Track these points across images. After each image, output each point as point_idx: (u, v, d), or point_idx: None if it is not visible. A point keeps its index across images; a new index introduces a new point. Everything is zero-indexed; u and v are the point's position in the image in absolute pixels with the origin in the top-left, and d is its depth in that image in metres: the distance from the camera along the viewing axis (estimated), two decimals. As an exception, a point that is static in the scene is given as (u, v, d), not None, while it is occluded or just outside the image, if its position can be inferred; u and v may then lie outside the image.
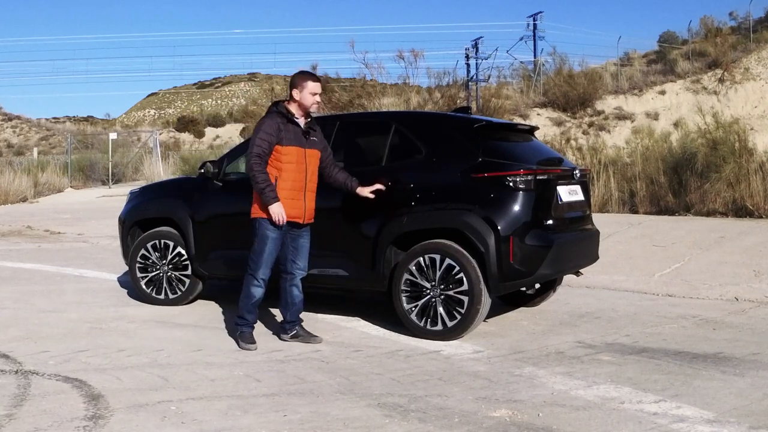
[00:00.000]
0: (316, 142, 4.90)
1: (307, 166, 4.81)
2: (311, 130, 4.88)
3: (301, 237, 4.92)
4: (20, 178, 20.78)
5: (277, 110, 4.80)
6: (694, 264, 7.42)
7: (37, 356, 4.49)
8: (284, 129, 4.73)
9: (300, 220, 4.82)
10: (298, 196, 4.77)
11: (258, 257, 4.81)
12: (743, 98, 29.05)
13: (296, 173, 4.76)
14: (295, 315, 4.99)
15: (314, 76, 4.93)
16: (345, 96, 19.35)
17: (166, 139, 46.15)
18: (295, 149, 4.74)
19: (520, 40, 34.84)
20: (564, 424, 3.34)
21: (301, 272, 4.96)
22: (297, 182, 4.77)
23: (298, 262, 4.93)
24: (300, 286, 4.98)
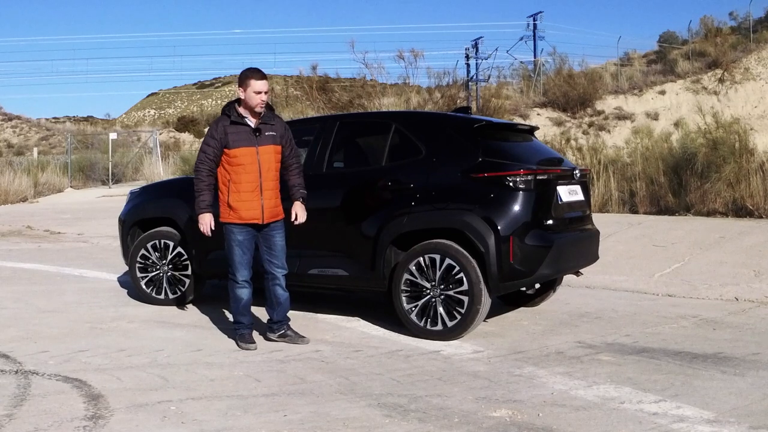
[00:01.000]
0: (272, 137, 4.77)
1: (260, 164, 4.71)
2: (265, 126, 4.76)
3: (273, 236, 4.85)
4: (20, 178, 20.79)
5: (226, 112, 4.75)
6: (694, 264, 7.42)
7: (37, 356, 4.49)
8: (231, 131, 4.68)
9: (258, 221, 4.75)
10: (253, 197, 4.70)
11: (231, 262, 4.82)
12: (743, 98, 29.06)
13: (248, 174, 4.69)
14: (282, 314, 4.95)
15: (259, 74, 4.76)
16: (345, 96, 19.34)
17: (166, 139, 46.12)
18: (244, 150, 4.67)
19: (520, 40, 34.85)
20: (564, 424, 3.34)
21: (281, 270, 4.88)
22: (250, 183, 4.69)
23: (274, 261, 4.86)
24: (283, 285, 4.91)
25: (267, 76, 4.78)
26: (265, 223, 4.79)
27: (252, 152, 4.70)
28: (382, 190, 5.23)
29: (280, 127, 4.86)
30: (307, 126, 6.53)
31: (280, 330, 4.94)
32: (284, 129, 4.89)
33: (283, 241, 4.88)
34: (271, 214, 4.80)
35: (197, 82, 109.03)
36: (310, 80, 21.24)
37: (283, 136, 4.85)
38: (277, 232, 4.86)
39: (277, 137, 4.80)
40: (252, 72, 4.76)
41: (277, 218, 4.86)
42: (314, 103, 19.77)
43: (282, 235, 4.88)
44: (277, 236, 4.86)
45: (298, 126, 6.92)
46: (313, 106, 19.69)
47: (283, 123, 4.94)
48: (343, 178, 5.68)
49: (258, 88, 4.69)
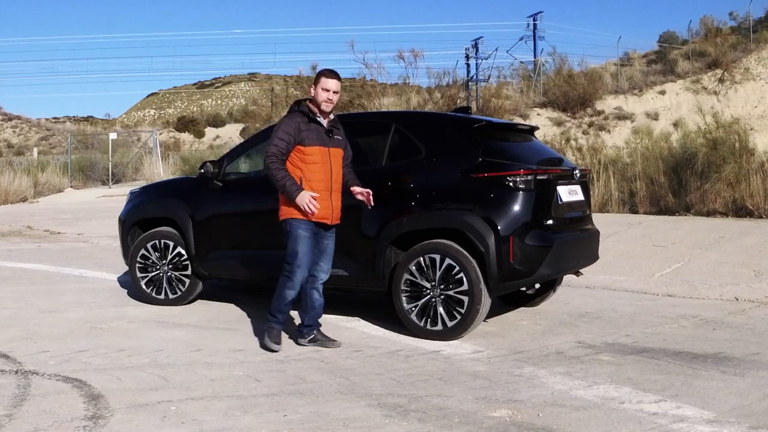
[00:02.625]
0: (339, 141, 4.77)
1: (331, 165, 4.68)
2: (334, 129, 4.75)
3: (326, 239, 4.78)
4: (20, 178, 20.79)
5: (299, 109, 4.69)
6: (694, 264, 7.42)
7: (37, 356, 4.49)
8: (306, 128, 4.61)
9: (328, 220, 4.68)
10: (324, 196, 4.63)
11: (293, 259, 4.65)
12: (743, 98, 29.06)
13: (321, 173, 4.63)
14: (314, 319, 4.87)
15: (331, 73, 4.72)
16: (345, 96, 19.34)
17: (166, 139, 46.14)
18: (318, 149, 4.61)
19: (520, 40, 34.86)
20: (564, 424, 3.34)
21: (324, 275, 4.83)
22: (322, 182, 4.64)
23: (321, 264, 4.79)
24: (321, 290, 4.86)
25: (340, 80, 4.76)
26: (332, 224, 4.74)
27: (325, 152, 4.64)
28: (382, 190, 5.23)
29: (342, 132, 4.87)
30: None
31: (310, 335, 4.84)
32: (344, 134, 4.89)
33: (333, 246, 4.82)
34: (337, 216, 4.75)
35: (197, 82, 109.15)
36: (310, 80, 21.24)
37: (344, 140, 4.85)
38: (332, 236, 4.81)
39: (342, 141, 4.81)
40: (325, 70, 4.74)
41: (338, 222, 4.80)
42: (314, 103, 19.74)
43: (333, 241, 4.83)
44: (331, 241, 4.81)
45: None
46: (313, 106, 19.66)
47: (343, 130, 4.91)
48: (343, 178, 5.68)
49: (327, 85, 4.64)
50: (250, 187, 6.20)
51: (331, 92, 4.65)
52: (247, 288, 6.80)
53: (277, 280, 5.83)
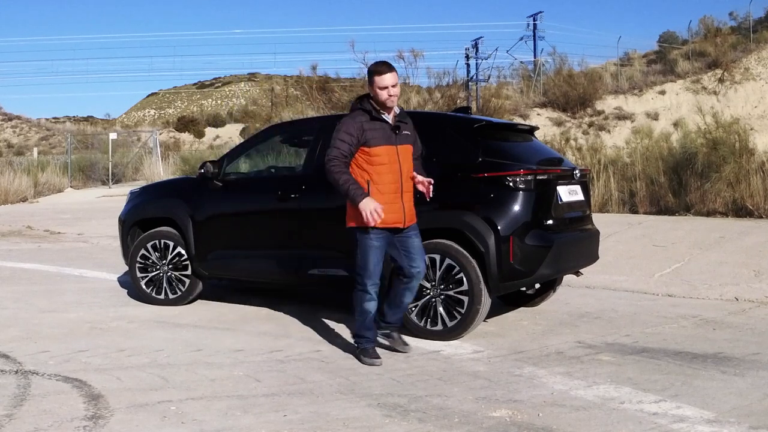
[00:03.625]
0: (408, 137, 4.46)
1: (401, 164, 4.38)
2: (401, 124, 4.44)
3: (411, 238, 4.48)
4: (20, 178, 20.78)
5: (361, 107, 4.39)
6: (694, 264, 7.42)
7: (37, 356, 4.49)
8: (369, 128, 4.31)
9: (400, 224, 4.40)
10: (395, 199, 4.35)
11: (364, 270, 4.40)
12: (743, 98, 29.06)
13: (390, 174, 4.33)
14: (397, 318, 4.64)
15: (384, 67, 4.36)
16: (345, 96, 19.34)
17: (166, 139, 46.14)
18: (385, 149, 4.31)
19: (520, 40, 34.86)
20: (564, 424, 3.34)
21: (420, 273, 4.52)
22: (392, 184, 4.34)
23: (414, 264, 4.47)
24: (414, 290, 4.58)
25: (394, 69, 4.38)
26: (404, 228, 4.44)
27: (392, 151, 4.35)
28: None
29: (411, 126, 4.55)
30: (307, 126, 6.54)
31: (386, 330, 4.64)
32: (413, 129, 4.57)
33: (420, 242, 4.53)
34: (411, 218, 4.48)
35: (197, 82, 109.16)
36: (310, 80, 21.27)
37: (413, 135, 4.54)
38: (415, 233, 4.52)
39: (411, 137, 4.50)
40: (376, 66, 4.39)
41: (414, 222, 4.53)
42: (314, 103, 19.78)
43: (418, 237, 4.54)
44: (415, 237, 4.51)
45: (298, 126, 6.95)
46: (313, 106, 19.70)
47: (411, 123, 4.58)
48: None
49: (383, 82, 4.29)
50: (250, 187, 6.21)
51: (390, 87, 4.30)
52: (247, 288, 6.80)
53: (277, 280, 5.86)
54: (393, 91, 4.32)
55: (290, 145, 7.38)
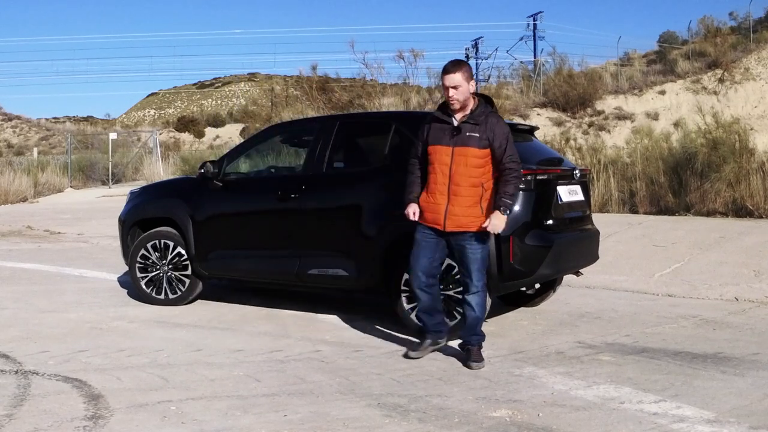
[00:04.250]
0: (474, 139, 4.26)
1: (452, 166, 4.26)
2: (468, 125, 4.30)
3: (463, 248, 4.33)
4: (20, 178, 20.77)
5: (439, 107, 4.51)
6: (694, 264, 7.42)
7: (37, 356, 4.49)
8: (433, 128, 4.38)
9: (439, 226, 4.31)
10: (440, 200, 4.29)
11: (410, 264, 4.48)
12: (743, 98, 29.04)
13: (438, 174, 4.32)
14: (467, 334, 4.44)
15: (446, 67, 4.32)
16: (345, 96, 19.35)
17: (166, 139, 46.13)
18: (438, 148, 4.32)
19: (520, 40, 34.94)
20: (564, 424, 3.34)
21: (471, 287, 4.34)
22: (438, 184, 4.31)
23: (464, 277, 4.39)
24: (472, 304, 4.36)
25: (457, 69, 4.30)
26: (447, 231, 4.32)
27: (446, 152, 4.29)
28: (382, 190, 5.23)
29: (491, 128, 4.28)
30: (307, 126, 6.55)
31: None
32: (495, 131, 4.28)
33: (477, 256, 4.31)
34: (457, 224, 4.27)
35: (197, 82, 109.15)
36: (310, 80, 21.26)
37: (493, 139, 4.27)
38: (469, 245, 4.31)
39: (481, 139, 4.26)
40: (444, 65, 4.34)
41: (468, 229, 4.29)
42: (314, 103, 19.77)
43: (476, 250, 4.31)
44: (469, 249, 4.31)
45: (298, 126, 6.96)
46: (313, 106, 19.70)
47: (496, 124, 4.32)
48: (343, 178, 5.68)
49: (444, 83, 4.31)
50: (250, 187, 6.21)
51: (450, 88, 4.28)
52: (247, 288, 6.80)
53: (278, 280, 5.86)
54: (453, 93, 4.28)
55: (290, 145, 7.39)
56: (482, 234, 4.32)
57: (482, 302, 4.42)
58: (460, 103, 4.31)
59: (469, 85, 4.32)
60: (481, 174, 4.30)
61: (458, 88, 4.27)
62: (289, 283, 5.75)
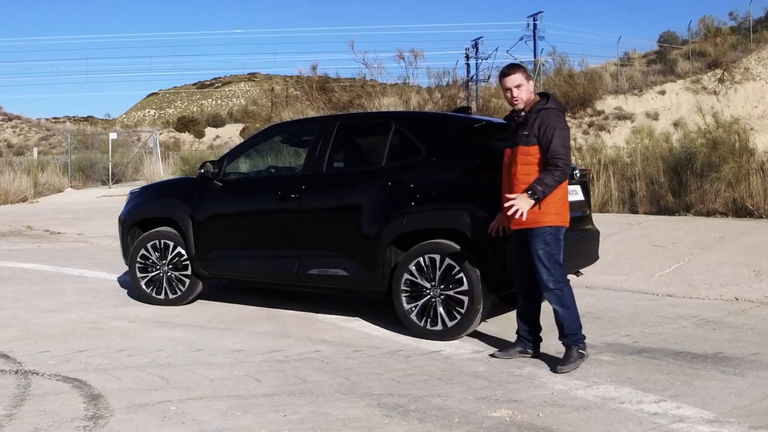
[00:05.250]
0: (524, 138, 4.25)
1: (512, 166, 4.32)
2: (522, 126, 4.28)
3: (528, 246, 4.29)
4: (20, 178, 20.75)
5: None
6: (694, 264, 7.42)
7: (37, 356, 4.49)
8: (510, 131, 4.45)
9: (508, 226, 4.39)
10: (505, 200, 4.28)
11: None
12: (743, 98, 29.05)
13: (504, 175, 4.42)
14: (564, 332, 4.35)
15: (504, 69, 4.35)
16: (345, 96, 19.33)
17: (166, 139, 46.14)
18: (505, 151, 4.42)
19: (520, 40, 34.90)
20: (564, 424, 3.34)
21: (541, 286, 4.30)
22: (504, 186, 4.39)
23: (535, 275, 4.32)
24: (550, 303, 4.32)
25: (516, 69, 4.32)
26: (514, 230, 4.35)
27: (507, 153, 4.40)
28: (382, 190, 5.23)
29: (538, 125, 4.22)
30: (307, 126, 6.55)
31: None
32: (542, 128, 4.20)
33: (539, 253, 4.25)
34: (518, 222, 4.24)
35: (197, 82, 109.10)
36: (310, 80, 21.23)
37: (540, 135, 4.21)
38: (531, 241, 4.26)
39: (529, 137, 4.24)
40: (501, 70, 4.40)
41: (527, 226, 4.23)
42: (314, 103, 19.76)
43: (536, 247, 4.25)
44: (532, 247, 4.26)
45: (298, 126, 6.96)
46: (313, 106, 19.68)
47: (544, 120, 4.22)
48: (343, 178, 5.69)
49: (504, 85, 4.33)
50: (250, 187, 6.21)
51: (512, 89, 4.27)
52: (247, 288, 6.80)
53: (278, 280, 5.86)
54: (512, 94, 4.28)
55: (290, 145, 7.39)
56: (545, 231, 4.26)
57: (562, 300, 4.28)
58: (524, 103, 4.30)
59: (529, 84, 4.32)
60: (536, 171, 4.24)
61: (520, 86, 4.29)
62: (289, 283, 5.75)
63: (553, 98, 4.41)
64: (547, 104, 4.31)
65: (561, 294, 4.30)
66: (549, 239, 4.27)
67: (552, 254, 4.28)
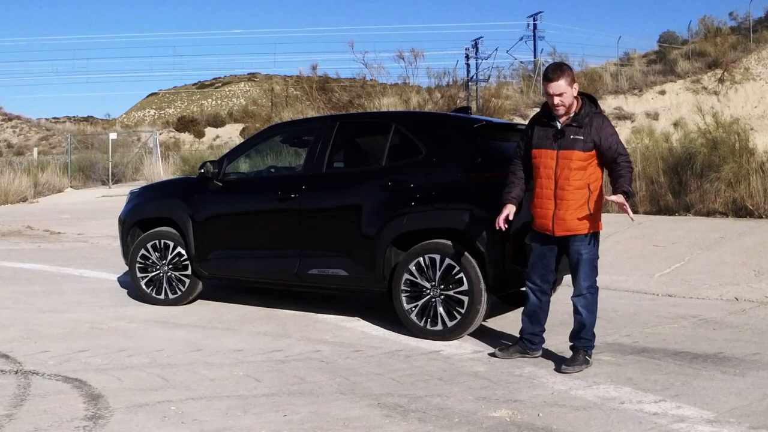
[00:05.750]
0: (578, 142, 4.20)
1: (557, 169, 4.23)
2: (571, 128, 4.23)
3: (571, 252, 4.32)
4: (20, 178, 20.75)
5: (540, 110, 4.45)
6: (694, 264, 7.42)
7: (37, 356, 4.49)
8: (537, 130, 4.34)
9: (549, 231, 4.31)
10: (547, 204, 4.27)
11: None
12: (743, 98, 29.07)
13: (543, 178, 4.29)
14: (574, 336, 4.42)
15: (548, 73, 4.25)
16: (345, 96, 19.34)
17: (166, 139, 46.14)
18: (541, 152, 4.29)
19: (520, 40, 34.91)
20: (564, 424, 3.34)
21: (576, 289, 4.35)
22: (544, 189, 4.29)
23: (574, 279, 4.38)
24: (576, 307, 4.36)
25: (560, 75, 4.20)
26: (557, 236, 4.30)
27: (548, 155, 4.26)
28: (382, 190, 5.23)
29: (596, 130, 4.21)
30: (307, 126, 6.55)
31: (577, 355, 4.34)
32: (602, 134, 4.21)
33: (583, 258, 4.29)
34: (566, 228, 4.25)
35: (197, 82, 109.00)
36: (310, 80, 21.24)
37: (600, 141, 4.20)
38: (577, 247, 4.29)
39: (586, 142, 4.20)
40: (546, 71, 4.30)
41: (578, 232, 4.26)
42: (314, 103, 19.76)
43: (581, 252, 4.29)
44: (575, 252, 4.30)
45: (298, 126, 6.96)
46: (313, 106, 19.69)
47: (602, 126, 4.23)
48: (343, 178, 5.69)
49: (547, 90, 4.23)
50: (250, 187, 6.21)
51: (555, 96, 4.19)
52: (247, 288, 6.80)
53: (278, 280, 5.86)
54: (558, 101, 4.21)
55: (290, 145, 7.39)
56: (591, 236, 4.32)
57: (589, 305, 4.34)
58: (566, 108, 4.26)
59: (572, 89, 4.25)
60: (587, 176, 4.25)
61: (563, 95, 4.21)
62: (289, 283, 5.75)
63: (596, 101, 4.43)
64: (597, 109, 4.34)
65: (591, 299, 4.35)
66: (596, 244, 4.38)
67: (594, 260, 4.37)
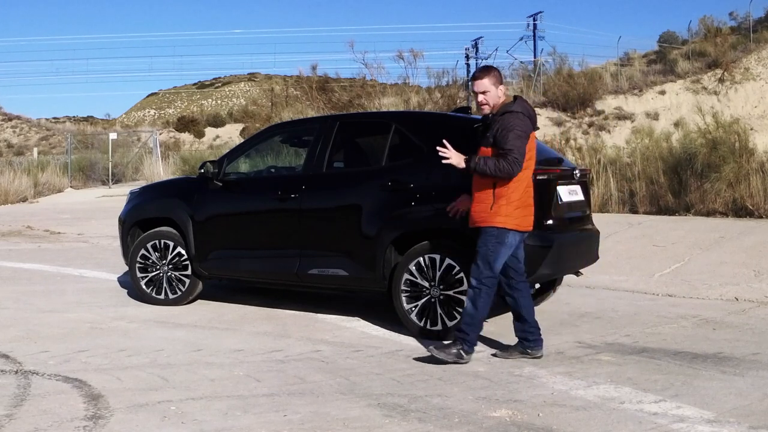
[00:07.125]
0: (486, 138, 4.34)
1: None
2: (488, 125, 4.37)
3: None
4: (20, 178, 20.75)
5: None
6: (694, 264, 7.42)
7: (37, 356, 4.49)
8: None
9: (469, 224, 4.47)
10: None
11: None
12: (743, 98, 29.05)
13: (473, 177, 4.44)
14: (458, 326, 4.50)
15: (474, 73, 4.47)
16: (345, 96, 19.35)
17: (166, 139, 46.13)
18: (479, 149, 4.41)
19: (520, 40, 34.97)
20: (564, 424, 3.34)
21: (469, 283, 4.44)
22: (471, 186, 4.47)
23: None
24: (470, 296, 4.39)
25: (486, 74, 4.36)
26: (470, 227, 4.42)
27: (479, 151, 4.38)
28: (382, 190, 5.23)
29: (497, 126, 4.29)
30: (307, 126, 6.55)
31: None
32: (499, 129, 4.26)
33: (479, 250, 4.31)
34: (471, 221, 4.41)
35: (197, 82, 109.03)
36: (310, 80, 21.25)
37: (497, 136, 4.27)
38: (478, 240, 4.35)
39: (488, 138, 4.33)
40: (473, 73, 4.53)
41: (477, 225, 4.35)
42: (314, 103, 19.78)
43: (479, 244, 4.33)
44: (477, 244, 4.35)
45: (298, 126, 6.96)
46: (313, 106, 19.70)
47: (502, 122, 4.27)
48: (343, 178, 5.69)
49: (472, 88, 4.44)
50: (250, 187, 6.21)
51: (479, 94, 4.37)
52: (247, 288, 6.80)
53: (278, 280, 5.87)
54: (481, 98, 4.36)
55: (290, 145, 7.39)
56: (488, 230, 4.30)
57: (473, 297, 4.33)
58: (491, 107, 4.38)
59: (497, 89, 4.36)
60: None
61: (486, 93, 4.35)
62: (289, 283, 5.75)
63: (522, 101, 4.43)
64: (513, 107, 4.33)
65: (477, 293, 4.33)
66: (489, 240, 4.30)
67: (487, 255, 4.31)
